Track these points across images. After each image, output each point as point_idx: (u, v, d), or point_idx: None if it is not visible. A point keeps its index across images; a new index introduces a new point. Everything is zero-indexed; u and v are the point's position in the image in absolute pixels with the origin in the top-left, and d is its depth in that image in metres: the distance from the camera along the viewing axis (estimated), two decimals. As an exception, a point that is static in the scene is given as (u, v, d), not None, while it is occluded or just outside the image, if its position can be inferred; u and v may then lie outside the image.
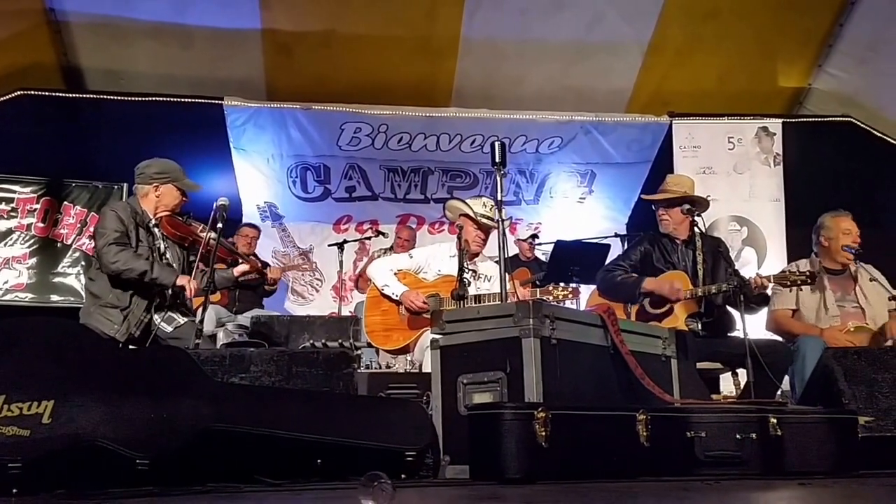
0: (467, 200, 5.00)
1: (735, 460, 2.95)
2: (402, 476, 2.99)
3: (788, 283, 4.45)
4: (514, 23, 7.06)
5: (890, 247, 6.88)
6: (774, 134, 7.63)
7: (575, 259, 6.42)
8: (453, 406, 3.19)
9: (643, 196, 4.99)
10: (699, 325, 4.56)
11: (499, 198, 4.07)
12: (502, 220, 4.12)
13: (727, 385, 5.04)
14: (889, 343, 4.45)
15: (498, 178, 4.07)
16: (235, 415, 2.90)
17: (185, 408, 2.81)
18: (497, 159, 4.04)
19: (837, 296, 4.80)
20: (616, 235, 7.30)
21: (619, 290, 4.62)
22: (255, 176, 7.71)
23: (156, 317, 4.33)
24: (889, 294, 4.71)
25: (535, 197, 8.23)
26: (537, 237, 7.64)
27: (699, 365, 4.43)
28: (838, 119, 7.65)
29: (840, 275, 4.82)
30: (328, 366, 3.38)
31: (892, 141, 7.63)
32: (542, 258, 7.35)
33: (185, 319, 4.39)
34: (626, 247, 6.49)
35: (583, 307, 5.31)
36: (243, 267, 4.61)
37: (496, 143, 4.04)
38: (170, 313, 4.36)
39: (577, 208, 8.27)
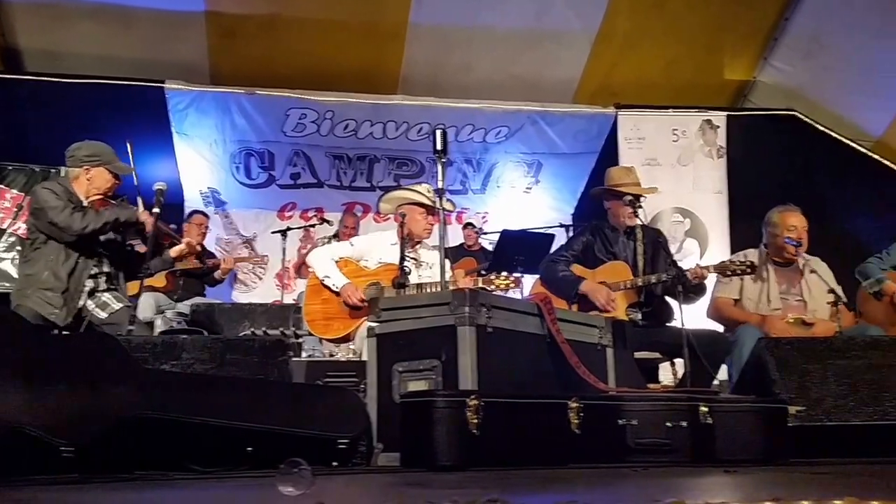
0: (413, 187, 4.98)
1: (665, 448, 2.98)
2: (335, 463, 2.95)
3: (728, 273, 4.51)
4: (462, 10, 7.02)
5: (832, 240, 7.05)
6: (718, 127, 7.73)
7: (520, 248, 6.45)
8: (388, 394, 3.16)
9: (592, 191, 5.03)
10: (639, 315, 4.61)
11: (440, 186, 4.05)
12: (443, 208, 4.11)
13: (666, 374, 5.11)
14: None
15: (439, 167, 4.04)
16: (165, 402, 2.83)
17: (112, 395, 2.74)
18: (438, 147, 4.01)
19: (782, 288, 4.88)
20: (561, 226, 7.33)
21: (559, 286, 4.63)
22: (198, 161, 7.56)
23: (89, 302, 4.23)
24: (828, 287, 4.80)
25: (482, 186, 8.23)
26: (474, 225, 7.65)
27: (638, 354, 4.48)
28: (782, 112, 7.77)
29: (787, 267, 4.89)
30: (262, 353, 3.33)
31: (835, 135, 7.77)
32: (489, 247, 7.36)
33: (121, 305, 4.29)
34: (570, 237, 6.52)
35: (527, 295, 5.33)
36: (179, 247, 4.50)
37: (437, 131, 4.02)
38: (104, 299, 4.26)
39: (523, 198, 8.29)
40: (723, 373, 4.68)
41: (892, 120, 7.63)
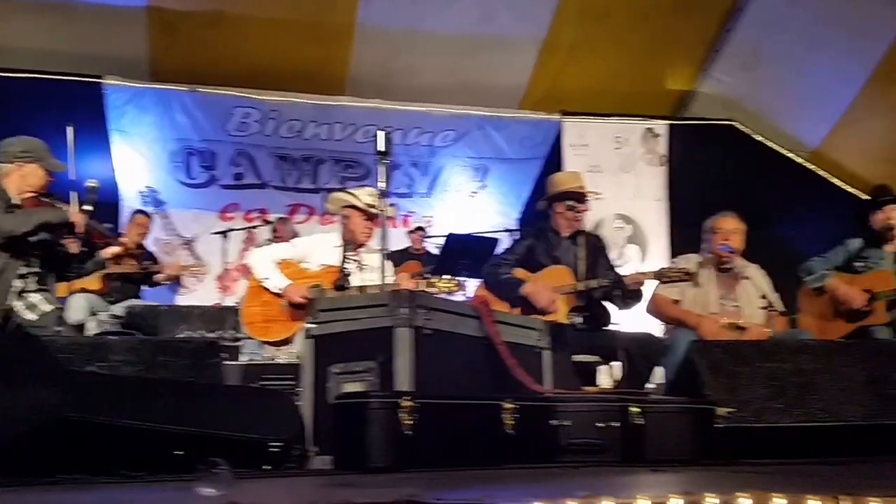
0: (352, 191, 4.93)
1: (597, 448, 3.02)
2: (267, 467, 2.91)
3: (666, 280, 4.59)
4: (410, 13, 7.03)
5: (769, 247, 7.21)
6: (660, 135, 7.88)
7: (466, 253, 6.45)
8: (324, 396, 3.14)
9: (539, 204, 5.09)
10: (580, 319, 4.67)
11: (382, 188, 4.04)
12: (385, 211, 4.10)
13: (604, 377, 5.17)
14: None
15: (382, 169, 4.03)
16: (90, 404, 2.76)
17: (34, 396, 2.66)
18: (381, 148, 4.00)
19: (721, 293, 4.97)
20: (506, 230, 7.36)
21: (501, 288, 4.67)
22: (136, 159, 7.38)
23: (18, 303, 4.10)
24: (762, 293, 4.91)
25: (429, 190, 8.23)
26: (423, 229, 7.64)
27: (578, 357, 4.53)
28: (722, 123, 7.96)
29: (727, 273, 4.99)
30: (194, 356, 3.28)
31: (773, 146, 7.98)
32: (435, 251, 7.35)
33: (50, 307, 4.16)
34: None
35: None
36: (113, 249, 4.39)
37: (380, 133, 4.00)
38: (33, 300, 4.14)
39: (470, 202, 8.31)
40: (663, 375, 4.76)
41: (828, 132, 7.87)
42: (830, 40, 7.11)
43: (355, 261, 4.82)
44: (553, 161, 7.84)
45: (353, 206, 4.76)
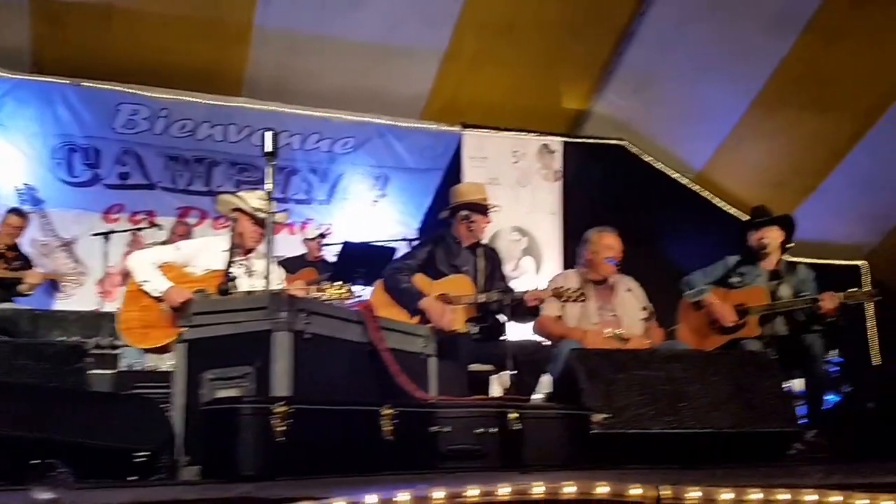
0: (241, 194, 4.81)
1: (475, 453, 3.03)
2: (132, 477, 2.78)
3: (563, 300, 4.73)
4: (311, 16, 6.93)
5: (655, 263, 7.49)
6: (555, 151, 8.06)
7: (362, 261, 6.41)
8: (196, 403, 3.03)
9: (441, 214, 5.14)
10: (476, 329, 4.73)
11: (269, 190, 3.96)
12: (272, 214, 4.02)
13: (497, 386, 5.24)
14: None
15: (269, 170, 3.96)
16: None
17: None
18: (268, 149, 3.93)
19: (598, 305, 5.13)
20: (405, 240, 7.35)
21: (401, 296, 4.70)
22: (14, 155, 6.95)
23: None
24: (642, 305, 5.09)
25: (328, 197, 8.12)
26: (325, 236, 7.54)
27: (473, 367, 4.60)
28: (613, 143, 8.20)
29: (602, 285, 5.15)
30: (56, 360, 3.11)
31: (660, 166, 8.29)
32: (332, 259, 7.26)
33: None
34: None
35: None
36: None
37: (268, 133, 3.93)
38: None
39: (370, 211, 8.25)
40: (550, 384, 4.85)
41: (711, 155, 8.25)
42: (716, 67, 7.46)
43: (244, 266, 4.70)
44: (453, 172, 7.90)
45: (241, 210, 4.65)
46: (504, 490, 1.17)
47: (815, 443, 4.52)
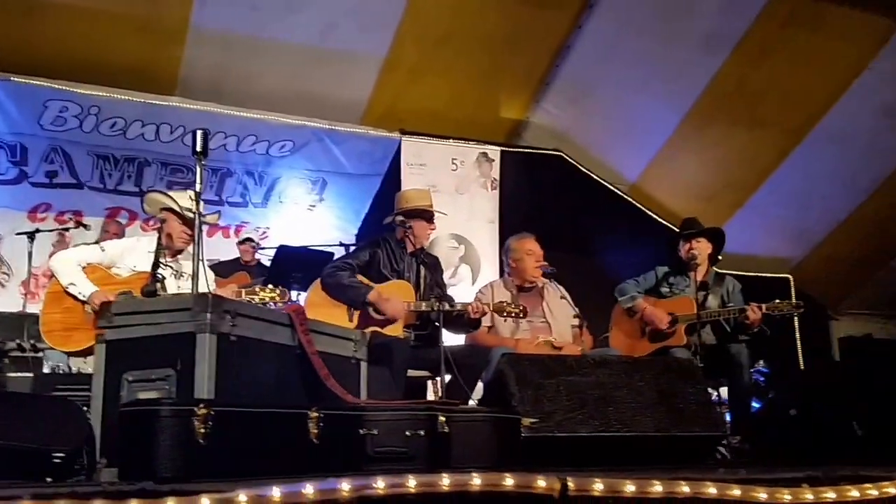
0: (171, 193, 4.71)
1: (403, 456, 3.01)
2: (49, 479, 2.69)
3: (504, 315, 4.80)
4: (248, 17, 6.83)
5: (588, 272, 7.62)
6: (493, 160, 8.12)
7: (298, 265, 6.36)
8: (116, 405, 2.94)
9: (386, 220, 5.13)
10: (412, 336, 4.73)
11: (198, 189, 3.87)
12: (201, 213, 3.93)
13: (433, 391, 5.26)
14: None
15: (198, 170, 3.87)
16: None
17: None
18: (198, 149, 3.84)
19: (528, 312, 5.18)
20: (341, 245, 7.30)
21: (345, 292, 4.68)
22: (-66, 151, 6.72)
23: None
24: (574, 312, 5.16)
25: (264, 201, 8.02)
26: (252, 240, 7.43)
27: (410, 373, 4.59)
28: (550, 153, 8.29)
29: (529, 292, 5.21)
30: (-32, 359, 2.99)
31: (596, 177, 8.41)
32: (267, 263, 7.17)
33: None
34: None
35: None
36: None
37: (198, 132, 3.83)
38: None
39: (307, 215, 8.18)
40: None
41: (645, 167, 8.42)
42: (650, 82, 7.63)
43: (171, 267, 4.60)
44: (391, 178, 7.89)
45: (170, 209, 4.55)
46: (412, 483, 1.16)
47: (738, 448, 4.65)
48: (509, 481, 1.17)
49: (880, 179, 8.11)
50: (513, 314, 4.79)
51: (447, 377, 4.68)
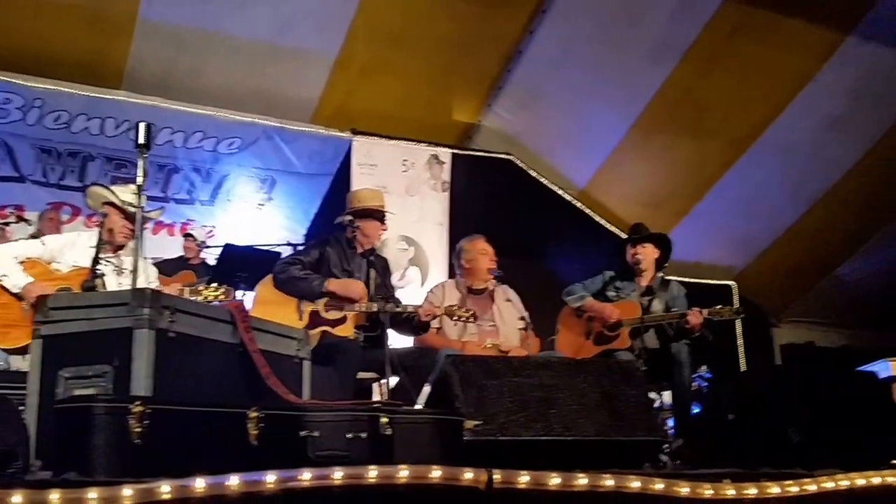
0: (113, 187, 4.63)
1: (344, 458, 2.98)
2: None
3: (455, 319, 4.83)
4: (197, 12, 6.74)
5: (537, 276, 7.66)
6: (444, 162, 8.12)
7: (244, 264, 6.29)
8: (51, 403, 2.86)
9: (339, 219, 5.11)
10: (361, 337, 4.72)
11: (139, 183, 3.81)
12: (142, 208, 3.87)
13: (380, 392, 5.24)
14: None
15: (141, 164, 3.81)
16: None
17: None
18: (141, 141, 3.77)
19: (478, 315, 5.20)
20: (289, 244, 7.24)
21: (298, 284, 4.67)
22: None
23: None
24: (519, 315, 5.21)
25: (211, 198, 7.90)
26: (193, 237, 7.33)
27: (360, 375, 4.61)
28: (501, 157, 8.33)
29: (480, 295, 5.25)
30: None
31: (545, 182, 8.48)
32: (213, 262, 7.07)
33: None
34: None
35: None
36: None
37: (141, 125, 3.77)
38: None
39: (255, 214, 8.09)
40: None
41: (593, 173, 8.52)
42: (600, 89, 7.73)
43: (112, 263, 4.52)
44: (342, 178, 7.85)
45: (112, 204, 4.46)
46: (338, 475, 1.16)
47: (679, 452, 4.73)
48: (436, 473, 1.17)
49: (823, 190, 8.30)
50: (462, 318, 4.82)
51: (395, 379, 4.70)
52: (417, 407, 4.56)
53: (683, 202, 8.58)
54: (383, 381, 4.82)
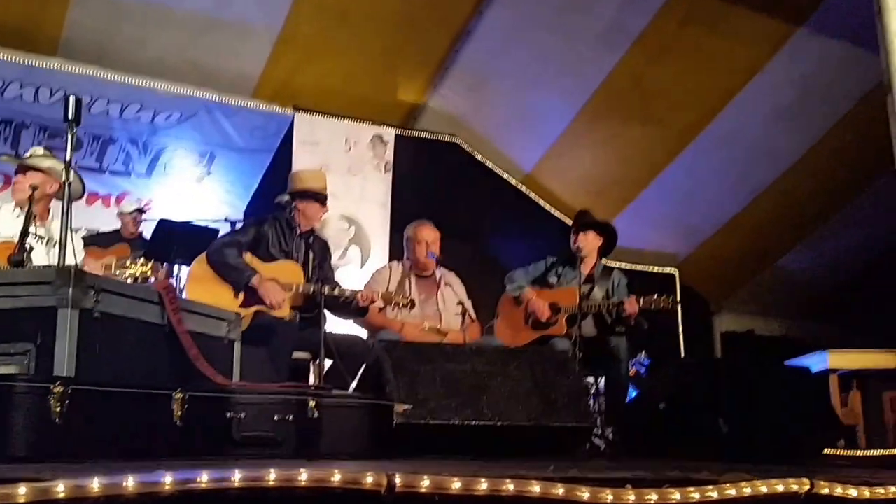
0: (31, 151, 4.56)
1: (270, 441, 2.99)
2: None
3: (393, 305, 4.86)
4: (137, -20, 6.53)
5: (480, 260, 7.71)
6: (388, 143, 8.05)
7: (179, 240, 6.18)
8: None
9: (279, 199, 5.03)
10: (297, 318, 4.70)
11: (68, 157, 3.71)
12: (69, 183, 3.76)
13: (315, 375, 5.22)
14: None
15: (69, 136, 3.71)
16: None
17: None
18: (70, 116, 3.68)
19: (421, 298, 5.24)
20: (227, 220, 7.11)
21: (229, 272, 4.62)
22: None
23: None
24: (459, 300, 5.23)
25: (148, 171, 7.70)
26: (144, 212, 7.18)
27: (295, 354, 4.62)
28: (446, 139, 8.29)
29: (426, 279, 5.26)
30: None
31: (491, 166, 8.48)
32: (149, 236, 6.92)
33: None
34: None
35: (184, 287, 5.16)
36: None
37: (71, 98, 3.68)
38: None
39: (194, 188, 7.91)
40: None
41: (540, 158, 8.51)
42: (548, 74, 7.69)
43: (42, 237, 4.40)
44: (283, 155, 7.73)
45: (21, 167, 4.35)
46: (236, 476, 1.14)
47: (612, 439, 4.83)
48: (337, 477, 1.16)
49: (768, 182, 8.30)
50: (400, 304, 4.83)
51: (330, 362, 4.70)
52: (349, 391, 4.59)
53: (629, 189, 8.58)
54: (320, 362, 4.82)
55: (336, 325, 5.17)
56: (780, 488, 1.44)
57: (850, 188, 8.16)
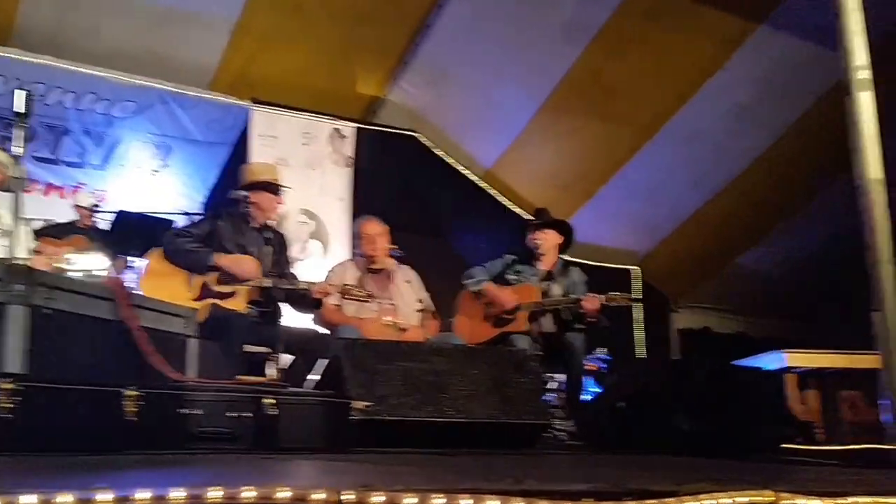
0: None
1: (227, 436, 2.97)
2: None
3: (348, 297, 4.83)
4: (92, -31, 6.39)
5: (440, 256, 7.68)
6: (347, 137, 7.99)
7: (137, 232, 6.11)
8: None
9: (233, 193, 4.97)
10: (255, 312, 4.66)
11: (20, 153, 3.64)
12: (23, 179, 3.70)
13: (272, 369, 5.18)
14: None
15: (19, 132, 3.63)
16: None
17: None
18: (19, 110, 3.61)
19: (376, 293, 5.20)
20: (184, 213, 7.01)
21: (187, 257, 4.57)
22: None
23: None
24: (418, 297, 5.22)
25: (103, 162, 7.53)
26: (98, 205, 7.03)
27: (250, 348, 4.53)
28: (405, 133, 8.23)
29: (378, 274, 5.24)
30: None
31: (451, 161, 8.45)
32: (106, 228, 6.80)
33: None
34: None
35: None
36: None
37: (18, 92, 3.61)
38: None
39: (150, 180, 7.76)
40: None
41: (500, 154, 8.50)
42: (508, 68, 7.64)
43: (-6, 230, 4.31)
44: (241, 149, 7.62)
45: None
46: (180, 494, 1.12)
47: (571, 434, 4.86)
48: (285, 494, 1.15)
49: (728, 179, 8.31)
50: (358, 298, 4.81)
51: (289, 357, 4.67)
52: (306, 388, 4.57)
53: (589, 185, 8.56)
54: (276, 357, 4.79)
55: (294, 319, 5.13)
56: (742, 500, 1.44)
57: (809, 187, 8.23)
